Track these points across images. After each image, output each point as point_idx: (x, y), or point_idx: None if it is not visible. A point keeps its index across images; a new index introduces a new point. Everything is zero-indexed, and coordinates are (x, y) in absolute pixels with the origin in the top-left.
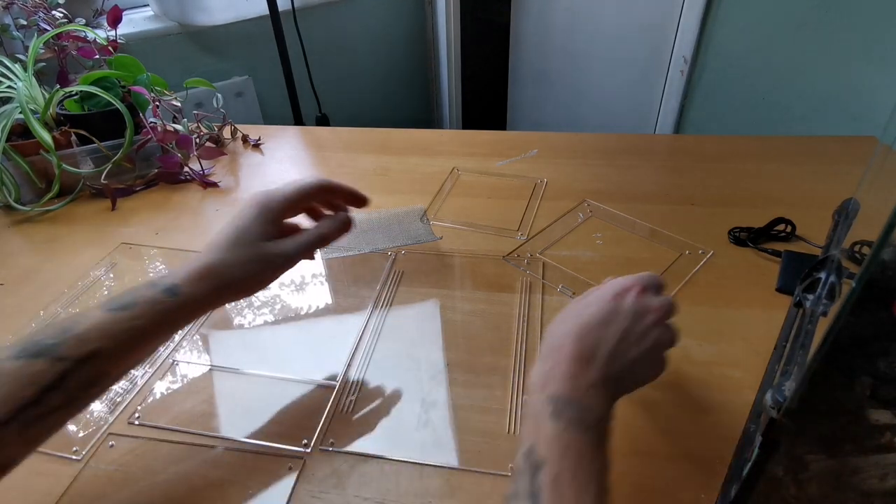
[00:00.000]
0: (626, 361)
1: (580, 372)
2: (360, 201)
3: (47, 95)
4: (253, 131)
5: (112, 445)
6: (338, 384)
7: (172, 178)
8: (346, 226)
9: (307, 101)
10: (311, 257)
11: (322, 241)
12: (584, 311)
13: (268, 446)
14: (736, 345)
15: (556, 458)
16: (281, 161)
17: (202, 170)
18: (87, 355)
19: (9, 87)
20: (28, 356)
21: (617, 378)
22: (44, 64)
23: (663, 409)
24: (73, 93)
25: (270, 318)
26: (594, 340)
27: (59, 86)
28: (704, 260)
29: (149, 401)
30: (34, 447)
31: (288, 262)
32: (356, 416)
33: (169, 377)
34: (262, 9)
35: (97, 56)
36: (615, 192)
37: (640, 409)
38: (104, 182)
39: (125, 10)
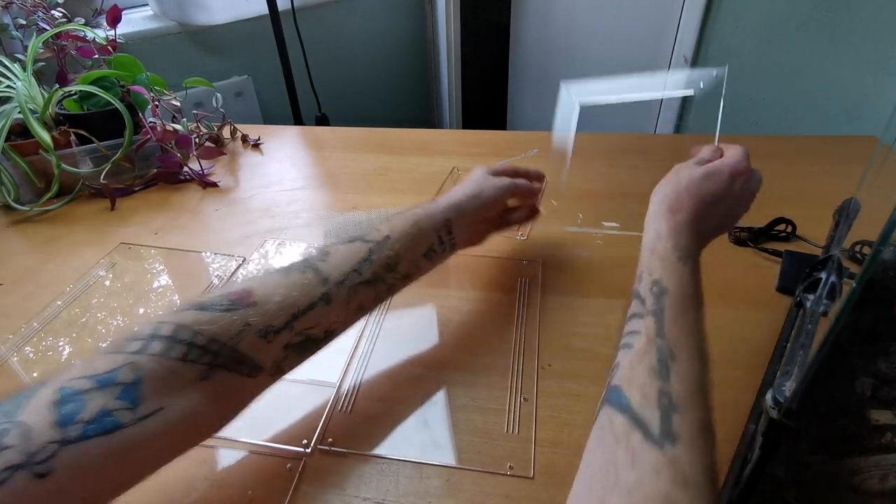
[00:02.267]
0: (722, 218)
1: (699, 231)
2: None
3: (46, 95)
4: (252, 131)
5: None
6: (337, 384)
7: (172, 177)
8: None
9: (307, 100)
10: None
11: (520, 192)
12: (703, 182)
13: (268, 446)
14: (736, 345)
15: (676, 285)
16: (281, 161)
17: (202, 170)
18: (382, 238)
19: (8, 86)
20: (347, 241)
21: (716, 230)
22: (43, 63)
23: None
24: (73, 92)
25: None
26: (709, 209)
27: (58, 85)
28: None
29: None
30: (351, 319)
31: (501, 194)
32: (356, 416)
33: None
34: (262, 8)
35: (96, 56)
36: (615, 192)
37: None
38: (103, 182)
39: (124, 9)
